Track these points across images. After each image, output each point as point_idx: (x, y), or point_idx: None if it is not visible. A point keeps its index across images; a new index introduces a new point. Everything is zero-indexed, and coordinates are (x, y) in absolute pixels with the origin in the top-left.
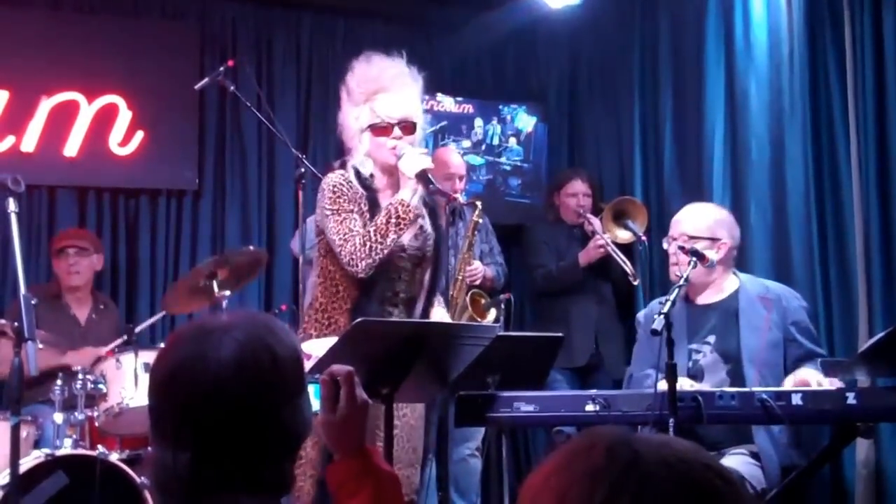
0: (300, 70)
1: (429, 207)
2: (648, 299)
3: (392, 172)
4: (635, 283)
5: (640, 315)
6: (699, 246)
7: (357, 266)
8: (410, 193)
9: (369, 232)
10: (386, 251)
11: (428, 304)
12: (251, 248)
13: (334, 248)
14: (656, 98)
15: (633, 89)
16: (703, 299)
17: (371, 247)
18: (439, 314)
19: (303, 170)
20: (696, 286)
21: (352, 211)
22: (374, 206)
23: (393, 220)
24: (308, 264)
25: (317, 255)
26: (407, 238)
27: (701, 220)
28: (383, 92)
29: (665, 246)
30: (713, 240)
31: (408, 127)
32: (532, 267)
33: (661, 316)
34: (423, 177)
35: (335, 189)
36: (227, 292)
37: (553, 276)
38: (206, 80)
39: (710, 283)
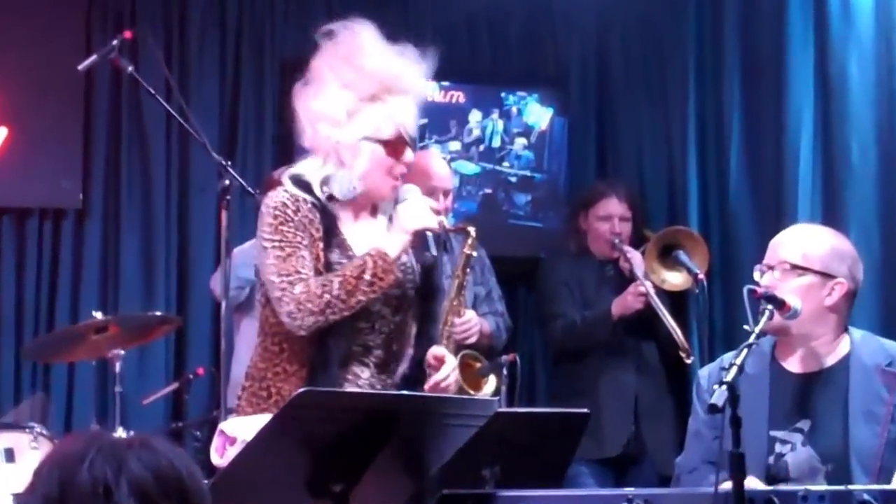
0: (225, 44)
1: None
2: (708, 359)
3: (373, 204)
4: (688, 360)
5: (702, 375)
6: (802, 282)
7: (300, 321)
8: (398, 249)
9: (331, 283)
10: (345, 315)
11: (417, 369)
12: (157, 313)
13: (271, 292)
14: (719, 83)
15: (688, 71)
16: (798, 364)
17: (329, 302)
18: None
19: (228, 182)
20: (790, 343)
21: (300, 244)
22: (329, 236)
23: (366, 279)
24: (239, 311)
25: (256, 304)
26: None
27: (812, 247)
28: (402, 95)
29: (756, 275)
30: (825, 276)
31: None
32: (548, 317)
33: (723, 387)
34: (420, 236)
35: (278, 213)
36: (121, 351)
37: (577, 330)
38: (93, 57)
39: (810, 339)
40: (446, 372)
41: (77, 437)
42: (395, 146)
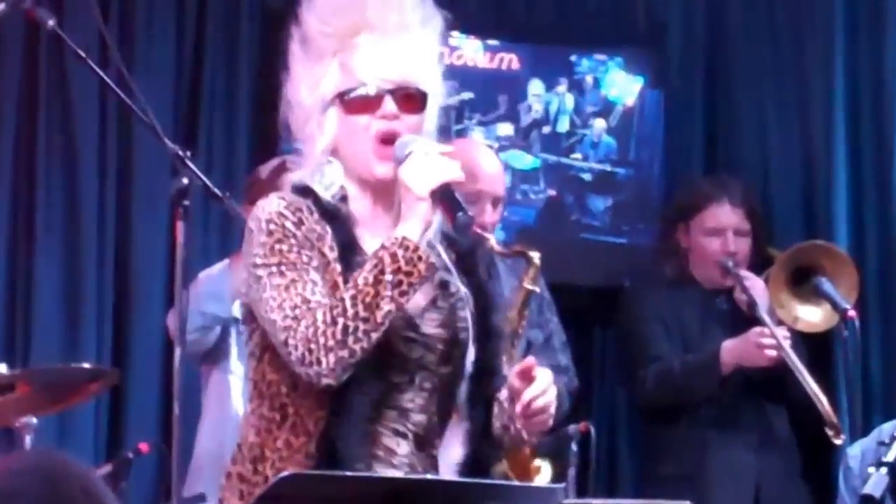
0: None
1: (461, 252)
2: (861, 430)
3: (381, 185)
4: (838, 441)
5: (852, 454)
6: None
7: (319, 366)
8: (420, 227)
9: (342, 301)
10: (375, 337)
11: (477, 441)
12: (84, 366)
13: (274, 335)
14: (878, 41)
15: (833, 23)
16: None
17: (346, 327)
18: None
19: (186, 181)
20: None
21: (307, 264)
22: (348, 254)
23: (388, 279)
24: (207, 362)
25: (233, 352)
26: (420, 302)
27: None
28: (366, 33)
29: None
30: None
31: (410, 98)
32: (636, 362)
33: (882, 470)
34: (444, 196)
35: (274, 228)
36: (33, 419)
37: (674, 378)
38: None
39: None
40: (542, 385)
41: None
42: (359, 101)
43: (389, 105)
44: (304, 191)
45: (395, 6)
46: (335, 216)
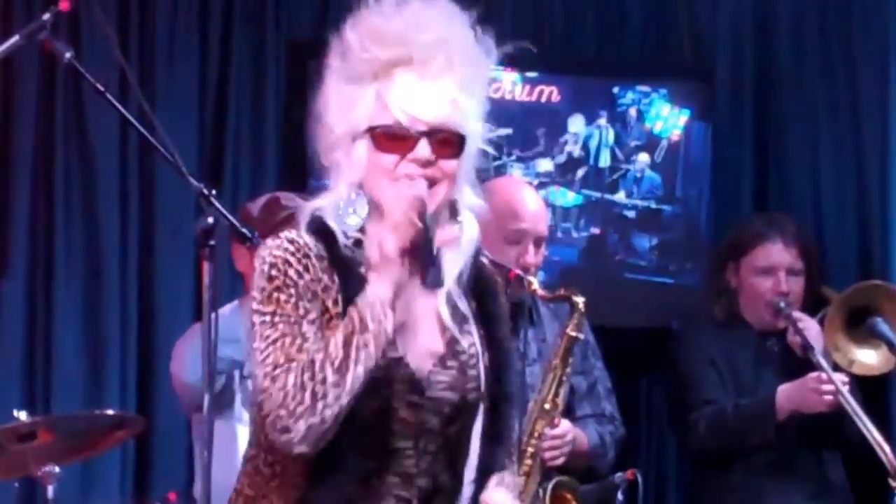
0: (208, 18)
1: (477, 291)
2: None
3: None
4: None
5: None
6: None
7: (289, 433)
8: (390, 286)
9: (313, 364)
10: (347, 402)
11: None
12: (109, 412)
13: (256, 389)
14: None
15: (889, 53)
16: None
17: (315, 392)
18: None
19: (212, 220)
20: None
21: (302, 317)
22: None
23: (356, 340)
24: (221, 411)
25: (237, 399)
26: (426, 365)
27: None
28: (408, 68)
29: None
30: None
31: (447, 142)
32: (687, 406)
33: None
34: (415, 254)
35: (275, 274)
36: (56, 468)
37: (727, 422)
38: (13, 39)
39: None
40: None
41: None
42: (389, 138)
43: (423, 149)
44: (320, 230)
45: (443, 47)
46: (348, 265)
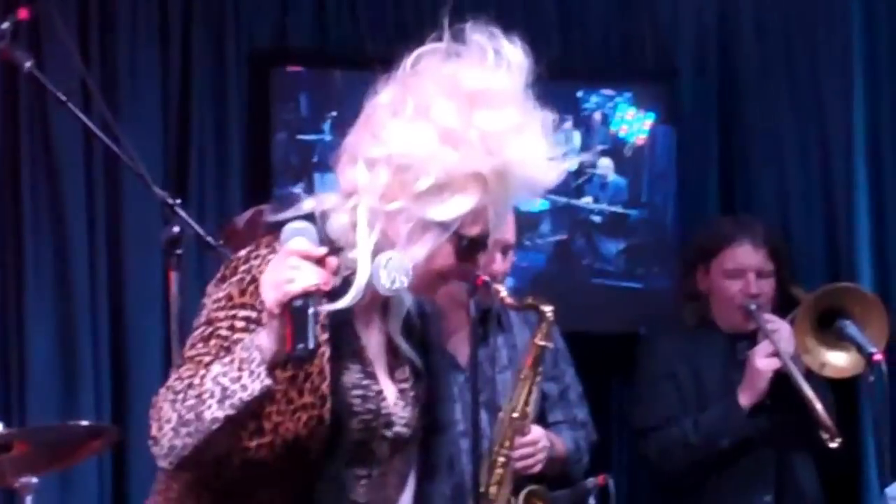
0: (168, 27)
1: (421, 319)
2: (892, 475)
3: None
4: (833, 444)
5: (891, 495)
6: None
7: (156, 445)
8: (273, 342)
9: (189, 388)
10: (204, 438)
11: None
12: (83, 423)
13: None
14: None
15: (852, 54)
16: None
17: (180, 416)
18: None
19: (178, 229)
20: None
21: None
22: (341, 343)
23: (226, 384)
24: None
25: None
26: (394, 399)
27: None
28: (513, 171)
29: None
30: None
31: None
32: (644, 428)
33: None
34: (292, 315)
35: (252, 289)
36: (33, 479)
37: (688, 439)
38: None
39: None
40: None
41: None
42: (471, 248)
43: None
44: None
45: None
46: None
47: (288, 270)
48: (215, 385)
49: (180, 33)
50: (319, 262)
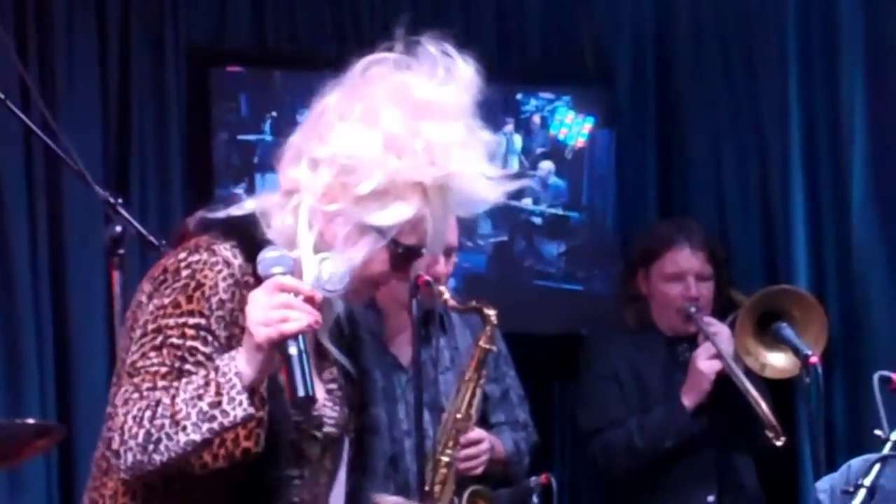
0: (105, 24)
1: (350, 322)
2: (826, 471)
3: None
4: (778, 442)
5: (821, 488)
6: None
7: (118, 458)
8: (256, 370)
9: (158, 405)
10: (175, 457)
11: None
12: (29, 421)
13: (110, 401)
14: (833, 75)
15: (787, 57)
16: None
17: (149, 434)
18: None
19: (120, 228)
20: None
21: (193, 352)
22: None
23: (203, 407)
24: None
25: None
26: (323, 401)
27: None
28: (457, 181)
29: None
30: None
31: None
32: (588, 431)
33: (862, 491)
34: (284, 357)
35: (198, 295)
36: None
37: (634, 448)
38: None
39: None
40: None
41: None
42: (405, 257)
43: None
44: (249, 247)
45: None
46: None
47: (280, 309)
48: (191, 408)
49: (119, 32)
50: (308, 298)
